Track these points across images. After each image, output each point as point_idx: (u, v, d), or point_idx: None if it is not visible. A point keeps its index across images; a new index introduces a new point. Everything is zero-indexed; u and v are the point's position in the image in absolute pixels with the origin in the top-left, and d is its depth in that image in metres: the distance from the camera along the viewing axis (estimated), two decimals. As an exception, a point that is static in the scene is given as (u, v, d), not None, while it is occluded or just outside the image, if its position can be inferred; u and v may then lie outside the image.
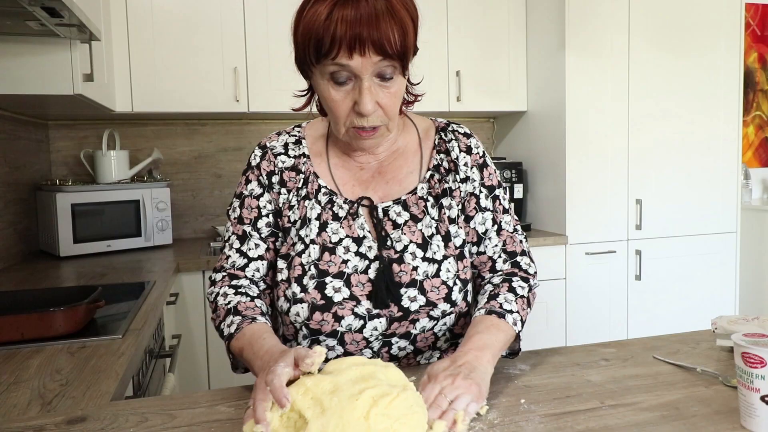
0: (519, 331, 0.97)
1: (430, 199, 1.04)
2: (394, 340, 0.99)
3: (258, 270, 1.05)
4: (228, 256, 1.06)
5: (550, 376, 0.92)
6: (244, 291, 1.01)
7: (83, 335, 1.22)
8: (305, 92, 1.05)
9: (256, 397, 0.72)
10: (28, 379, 0.99)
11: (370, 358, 0.98)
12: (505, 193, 1.09)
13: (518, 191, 2.90)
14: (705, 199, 2.82)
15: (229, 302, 0.99)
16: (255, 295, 1.02)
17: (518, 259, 1.07)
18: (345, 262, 0.99)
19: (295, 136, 1.09)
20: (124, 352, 1.12)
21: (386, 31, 0.86)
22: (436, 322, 1.00)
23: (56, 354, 1.12)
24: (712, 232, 2.85)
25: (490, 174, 1.08)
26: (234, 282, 1.03)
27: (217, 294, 1.02)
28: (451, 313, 1.01)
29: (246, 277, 1.04)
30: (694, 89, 2.76)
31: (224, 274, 1.05)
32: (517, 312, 0.98)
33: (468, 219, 1.06)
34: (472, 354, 0.85)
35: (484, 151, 1.10)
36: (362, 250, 1.00)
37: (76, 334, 1.22)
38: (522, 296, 1.01)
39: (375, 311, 0.97)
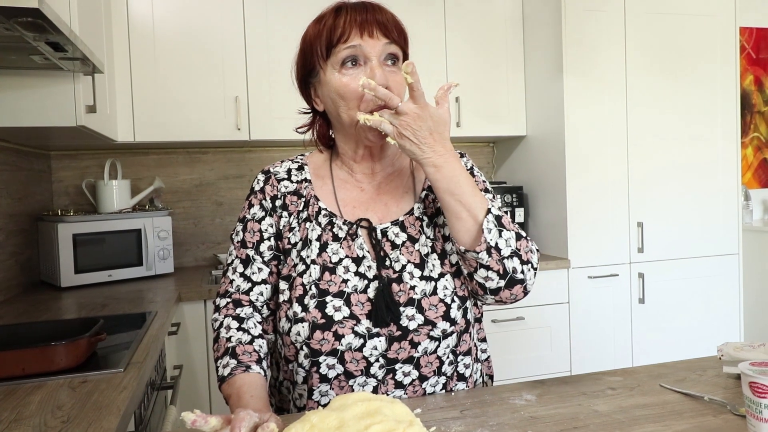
0: (488, 213, 0.95)
1: (425, 218, 1.07)
2: (398, 366, 0.99)
3: (262, 294, 1.07)
4: (232, 280, 1.08)
5: (556, 407, 0.92)
6: (246, 327, 1.02)
7: (85, 369, 1.21)
8: (308, 111, 1.13)
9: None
10: (30, 416, 0.98)
11: (375, 386, 0.98)
12: (493, 198, 1.08)
13: (519, 215, 2.90)
14: (706, 221, 2.82)
15: (230, 337, 1.00)
16: (256, 334, 1.02)
17: None
18: (345, 281, 1.01)
19: (298, 162, 1.14)
20: (126, 387, 1.11)
21: (388, 17, 1.02)
22: (438, 343, 1.00)
23: (57, 389, 1.11)
24: (714, 254, 2.84)
25: (476, 182, 1.08)
26: (238, 311, 1.04)
27: (221, 324, 1.04)
28: (452, 333, 1.01)
29: (250, 301, 1.06)
30: (691, 112, 2.78)
31: (228, 300, 1.06)
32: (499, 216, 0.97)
33: None
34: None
35: (472, 165, 1.13)
36: (361, 269, 1.02)
37: (78, 368, 1.21)
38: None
39: (374, 330, 0.98)
